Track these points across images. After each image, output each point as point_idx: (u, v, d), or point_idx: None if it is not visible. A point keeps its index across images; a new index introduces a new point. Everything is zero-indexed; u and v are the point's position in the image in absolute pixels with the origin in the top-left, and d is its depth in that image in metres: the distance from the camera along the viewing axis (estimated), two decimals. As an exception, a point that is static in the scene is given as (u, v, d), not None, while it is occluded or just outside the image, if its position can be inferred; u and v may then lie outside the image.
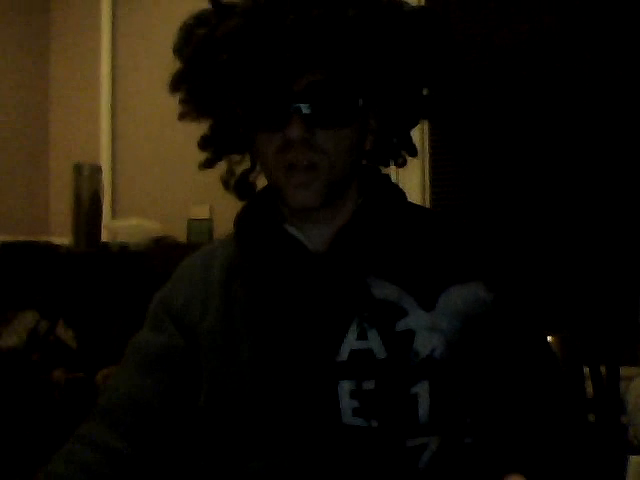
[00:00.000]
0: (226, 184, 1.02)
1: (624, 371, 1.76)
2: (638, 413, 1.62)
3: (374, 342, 0.89)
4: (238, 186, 1.02)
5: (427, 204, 2.52)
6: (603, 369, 1.74)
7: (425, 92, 1.00)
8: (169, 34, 0.96)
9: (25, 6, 3.07)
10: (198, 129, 1.02)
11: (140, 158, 2.98)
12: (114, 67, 3.04)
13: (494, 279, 0.95)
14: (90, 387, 2.31)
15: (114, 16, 3.04)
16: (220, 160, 1.02)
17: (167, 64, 0.96)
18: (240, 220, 1.02)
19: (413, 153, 1.04)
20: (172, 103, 0.99)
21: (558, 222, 2.32)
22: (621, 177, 2.25)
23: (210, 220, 2.65)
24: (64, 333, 2.49)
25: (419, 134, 2.43)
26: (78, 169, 2.51)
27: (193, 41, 0.93)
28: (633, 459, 1.54)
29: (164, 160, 2.91)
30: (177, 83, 0.97)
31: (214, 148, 1.01)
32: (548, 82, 2.36)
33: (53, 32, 3.16)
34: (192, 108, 0.98)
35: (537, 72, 2.38)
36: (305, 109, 0.88)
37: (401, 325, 0.90)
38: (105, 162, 2.96)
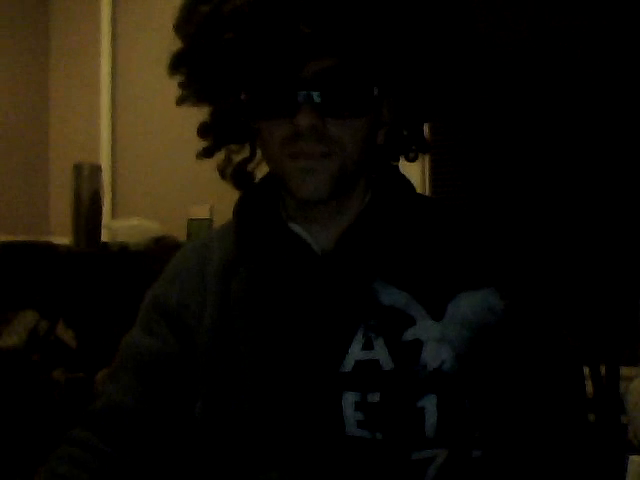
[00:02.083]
0: (222, 173, 0.96)
1: (624, 371, 1.76)
2: (638, 413, 1.62)
3: (380, 352, 0.84)
4: (235, 175, 0.96)
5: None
6: (603, 369, 1.74)
7: (443, 83, 0.92)
8: (169, 34, 0.92)
9: (25, 6, 3.07)
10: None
11: (140, 158, 2.98)
12: (114, 67, 3.04)
13: (507, 286, 0.88)
14: (90, 387, 2.30)
15: (114, 16, 3.04)
16: (219, 149, 0.95)
17: (167, 64, 0.92)
18: (240, 212, 0.96)
19: (425, 149, 0.97)
20: (172, 103, 0.95)
21: (557, 222, 2.32)
22: (621, 176, 2.25)
23: (210, 220, 2.65)
24: (64, 333, 2.49)
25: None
26: (78, 169, 2.51)
27: (196, 18, 0.85)
28: (633, 459, 1.54)
29: (164, 160, 2.91)
30: (176, 64, 0.89)
31: (214, 136, 0.94)
32: (548, 79, 2.36)
33: (53, 32, 3.16)
34: (192, 92, 0.91)
35: (537, 68, 2.38)
36: (316, 97, 0.82)
37: (408, 335, 0.85)
38: (105, 162, 2.96)
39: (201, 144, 0.96)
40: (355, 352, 0.84)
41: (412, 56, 0.86)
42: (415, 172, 2.50)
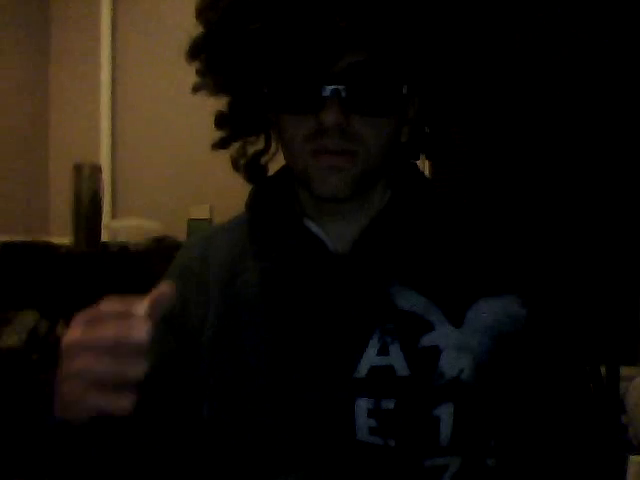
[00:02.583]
0: (235, 164, 0.92)
1: (624, 371, 1.77)
2: (638, 413, 1.62)
3: (396, 358, 0.81)
4: (248, 168, 0.92)
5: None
6: (603, 369, 1.74)
7: (471, 81, 0.89)
8: (169, 34, 0.91)
9: (25, 7, 3.07)
10: (198, 129, 0.97)
11: (140, 158, 2.98)
12: (114, 67, 3.04)
13: (529, 293, 0.85)
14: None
15: (114, 16, 3.04)
16: (235, 141, 0.91)
17: (167, 64, 0.91)
18: (253, 207, 0.92)
19: (446, 150, 0.94)
20: (172, 103, 0.94)
21: (557, 222, 2.32)
22: (620, 175, 2.25)
23: (210, 220, 2.65)
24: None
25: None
26: (78, 169, 2.51)
27: (220, 3, 0.81)
28: (633, 459, 1.54)
29: (164, 160, 2.91)
30: (196, 51, 0.85)
31: (231, 127, 0.90)
32: (547, 77, 2.36)
33: (53, 32, 3.16)
34: (210, 81, 0.87)
35: (536, 67, 2.38)
36: (344, 92, 0.78)
37: (426, 340, 0.82)
38: (105, 162, 2.96)
39: (201, 144, 0.95)
40: (370, 357, 0.82)
41: (445, 55, 0.84)
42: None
